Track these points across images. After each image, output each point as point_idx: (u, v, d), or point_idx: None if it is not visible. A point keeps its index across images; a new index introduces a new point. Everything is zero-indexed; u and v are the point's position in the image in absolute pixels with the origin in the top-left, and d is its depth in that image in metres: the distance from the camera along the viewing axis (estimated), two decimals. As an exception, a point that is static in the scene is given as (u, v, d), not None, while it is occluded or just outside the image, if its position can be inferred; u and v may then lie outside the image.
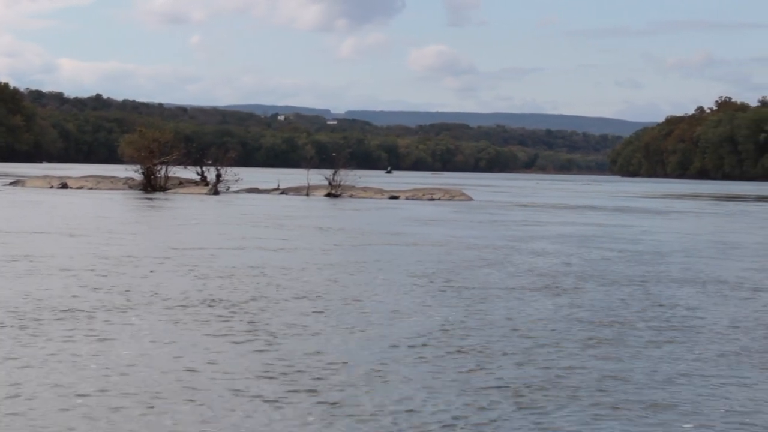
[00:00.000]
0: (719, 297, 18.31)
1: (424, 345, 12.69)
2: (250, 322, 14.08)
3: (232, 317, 14.49)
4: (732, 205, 71.95)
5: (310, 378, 10.68)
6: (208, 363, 11.33)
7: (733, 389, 10.77)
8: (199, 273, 19.87)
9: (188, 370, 10.94)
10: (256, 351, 12.09)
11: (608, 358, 12.17)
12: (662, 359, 12.23)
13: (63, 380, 10.33)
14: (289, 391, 10.10)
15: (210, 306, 15.50)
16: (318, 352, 12.03)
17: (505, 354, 12.27)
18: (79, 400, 9.59)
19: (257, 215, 42.28)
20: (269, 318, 14.52)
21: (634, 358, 12.21)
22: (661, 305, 16.94)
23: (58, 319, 13.88)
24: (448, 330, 13.87)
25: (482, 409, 9.67)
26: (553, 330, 14.13)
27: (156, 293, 16.75)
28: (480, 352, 12.36)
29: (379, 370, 11.14)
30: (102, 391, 9.96)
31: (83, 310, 14.67)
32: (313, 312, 15.23)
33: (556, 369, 11.48)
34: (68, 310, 14.71)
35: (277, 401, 9.74)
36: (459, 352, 12.32)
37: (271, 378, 10.66)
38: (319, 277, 19.88)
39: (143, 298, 16.19)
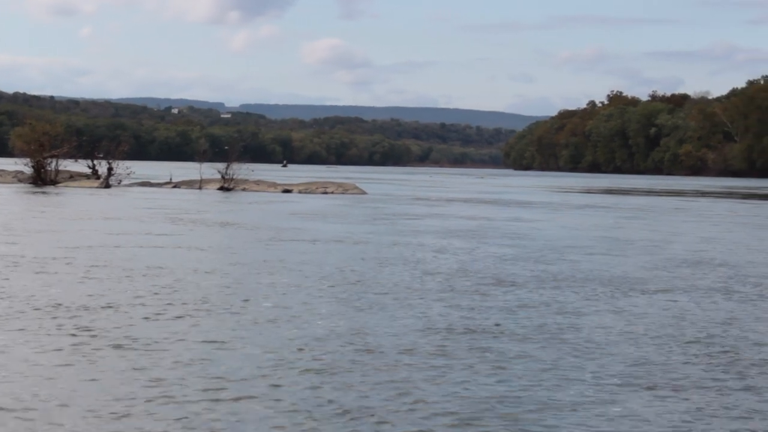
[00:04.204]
0: (607, 301, 18.22)
1: (275, 363, 11.62)
2: (111, 336, 12.85)
3: (91, 329, 13.47)
4: (623, 199, 72.79)
5: (142, 412, 9.40)
6: (42, 386, 10.58)
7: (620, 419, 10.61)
8: (74, 275, 19.15)
9: (13, 398, 10.00)
10: (112, 372, 10.96)
11: (476, 374, 11.74)
12: (542, 382, 11.93)
13: None
14: None
15: (74, 315, 14.59)
16: (165, 376, 11.11)
17: (358, 371, 11.86)
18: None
19: (148, 210, 41.44)
20: (138, 330, 13.35)
21: (502, 380, 11.80)
22: (549, 311, 16.77)
23: None
24: (319, 339, 13.47)
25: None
26: (418, 341, 13.59)
27: (16, 298, 15.95)
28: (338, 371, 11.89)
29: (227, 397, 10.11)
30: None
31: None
32: (188, 322, 14.38)
33: (405, 391, 10.86)
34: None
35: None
36: (308, 371, 11.09)
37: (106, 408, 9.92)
38: (203, 279, 19.24)
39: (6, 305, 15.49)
